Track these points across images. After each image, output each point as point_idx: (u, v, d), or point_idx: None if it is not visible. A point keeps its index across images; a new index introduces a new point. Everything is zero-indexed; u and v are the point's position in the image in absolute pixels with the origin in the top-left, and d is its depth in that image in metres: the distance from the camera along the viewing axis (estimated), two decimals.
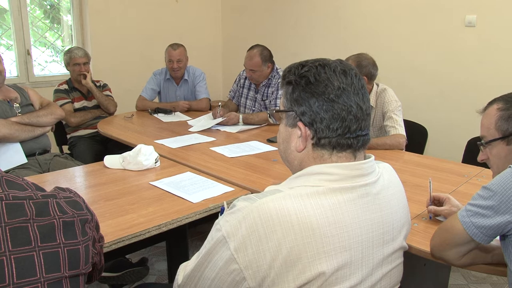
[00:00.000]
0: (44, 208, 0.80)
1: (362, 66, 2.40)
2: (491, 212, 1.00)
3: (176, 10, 4.55)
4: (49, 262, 0.77)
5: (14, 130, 2.33)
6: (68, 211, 0.83)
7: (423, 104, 3.44)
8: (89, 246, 0.85)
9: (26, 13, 3.71)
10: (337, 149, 0.89)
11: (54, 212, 0.80)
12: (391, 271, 0.95)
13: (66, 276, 0.79)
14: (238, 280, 0.83)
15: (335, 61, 0.92)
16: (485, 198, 1.02)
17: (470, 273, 2.50)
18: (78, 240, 0.82)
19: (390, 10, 3.55)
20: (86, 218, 0.86)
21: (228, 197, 1.64)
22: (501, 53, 3.03)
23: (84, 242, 0.84)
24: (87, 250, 0.84)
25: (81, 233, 0.83)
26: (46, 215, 0.79)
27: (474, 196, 1.07)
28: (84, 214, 0.86)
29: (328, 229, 0.82)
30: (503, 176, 1.01)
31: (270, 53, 3.02)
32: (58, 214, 0.81)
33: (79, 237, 0.83)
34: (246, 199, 0.86)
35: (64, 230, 0.80)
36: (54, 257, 0.78)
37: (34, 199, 0.79)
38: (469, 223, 1.04)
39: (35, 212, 0.78)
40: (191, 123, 3.00)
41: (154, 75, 3.56)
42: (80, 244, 0.82)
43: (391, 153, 2.26)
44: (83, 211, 0.86)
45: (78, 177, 1.93)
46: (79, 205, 0.86)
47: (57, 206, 0.82)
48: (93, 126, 3.18)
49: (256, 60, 2.94)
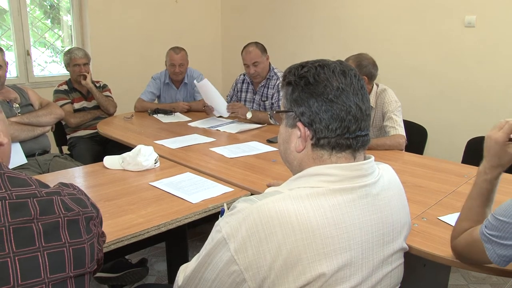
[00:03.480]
0: (49, 206, 0.78)
1: (362, 66, 2.40)
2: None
3: (175, 11, 4.55)
4: (54, 262, 0.76)
5: (14, 130, 2.33)
6: (74, 208, 0.81)
7: (423, 104, 3.44)
8: (94, 244, 0.84)
9: (26, 14, 3.71)
10: (336, 149, 0.89)
11: (59, 210, 0.79)
12: (391, 272, 0.95)
13: (71, 276, 0.78)
14: (239, 282, 0.83)
15: (334, 62, 0.92)
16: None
17: (470, 274, 2.50)
18: (83, 239, 0.81)
19: (390, 11, 3.55)
20: (91, 215, 0.85)
21: (227, 198, 1.64)
22: (500, 53, 3.03)
23: (89, 240, 0.82)
24: (92, 248, 0.83)
25: (86, 231, 0.82)
26: (51, 213, 0.78)
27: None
28: (89, 211, 0.85)
29: (328, 230, 0.82)
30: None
31: (264, 47, 3.10)
32: (63, 212, 0.79)
33: (84, 235, 0.81)
34: (246, 200, 0.86)
35: (68, 229, 0.79)
36: (59, 257, 0.77)
37: (38, 197, 0.78)
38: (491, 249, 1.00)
39: (39, 210, 0.77)
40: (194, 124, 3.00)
41: (154, 79, 3.54)
42: (86, 243, 0.81)
43: (390, 154, 2.26)
44: (87, 209, 0.85)
45: (78, 177, 1.93)
46: (83, 202, 0.85)
47: (62, 204, 0.80)
48: (92, 127, 3.18)
49: (256, 52, 3.01)
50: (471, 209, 1.09)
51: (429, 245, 1.28)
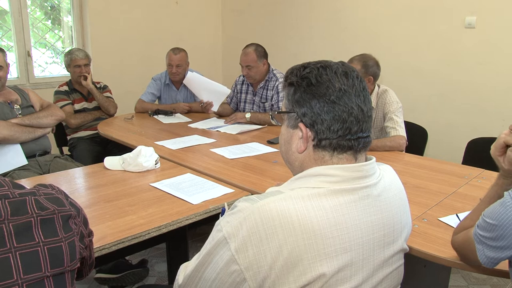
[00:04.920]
0: (21, 207, 0.77)
1: (369, 66, 2.41)
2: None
3: (176, 12, 4.55)
4: (28, 263, 0.75)
5: (15, 132, 2.33)
6: (49, 206, 0.80)
7: (423, 105, 3.44)
8: (74, 242, 0.83)
9: (27, 14, 3.71)
10: (337, 150, 0.89)
11: (32, 210, 0.78)
12: (392, 273, 0.95)
13: (49, 275, 0.77)
14: (239, 281, 0.83)
15: (337, 63, 0.92)
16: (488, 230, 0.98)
17: (471, 275, 2.50)
18: (60, 237, 0.80)
19: (390, 12, 3.55)
20: (69, 214, 0.84)
21: (228, 199, 1.64)
22: (501, 54, 3.03)
23: (67, 239, 0.81)
24: (72, 246, 0.82)
25: (63, 229, 0.81)
26: (23, 214, 0.77)
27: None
28: (66, 210, 0.84)
29: (329, 230, 0.82)
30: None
31: (265, 50, 3.07)
32: (36, 212, 0.78)
33: (60, 233, 0.80)
34: (247, 200, 0.86)
35: (42, 228, 0.78)
36: (33, 256, 0.76)
37: (10, 198, 0.77)
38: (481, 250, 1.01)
39: (11, 211, 0.76)
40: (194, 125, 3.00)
41: (154, 80, 3.54)
42: (63, 241, 0.80)
43: (391, 155, 2.26)
44: (65, 207, 0.84)
45: (78, 178, 1.93)
46: (60, 201, 0.84)
47: (35, 204, 0.79)
48: (93, 128, 3.18)
49: (252, 56, 2.99)
50: (478, 210, 1.11)
51: (429, 246, 1.28)
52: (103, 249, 1.29)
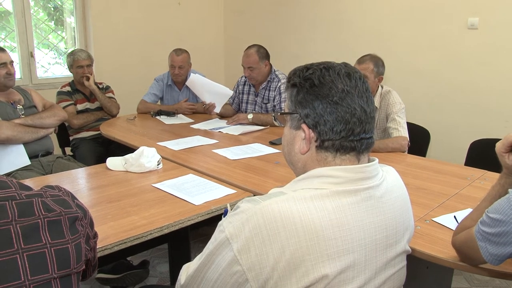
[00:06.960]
0: (28, 208, 0.77)
1: (380, 66, 2.44)
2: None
3: (178, 12, 4.56)
4: (35, 264, 0.75)
5: (18, 132, 2.34)
6: (56, 208, 0.81)
7: (426, 106, 3.44)
8: (81, 244, 0.83)
9: (30, 16, 3.72)
10: (340, 151, 0.89)
11: (39, 211, 0.78)
12: (394, 275, 0.95)
13: (56, 277, 0.77)
14: (241, 282, 0.83)
15: (339, 64, 0.92)
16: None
17: (473, 276, 2.49)
18: (67, 239, 0.80)
19: (392, 13, 3.55)
20: (75, 215, 0.84)
21: (230, 199, 1.64)
22: (503, 55, 3.02)
23: (74, 240, 0.81)
24: (78, 248, 0.82)
25: (70, 231, 0.81)
26: (30, 215, 0.77)
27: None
28: (73, 211, 0.84)
29: (332, 231, 0.82)
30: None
31: (267, 51, 3.07)
32: (43, 213, 0.78)
33: (67, 235, 0.80)
34: (249, 200, 0.86)
35: (49, 229, 0.78)
36: (40, 258, 0.76)
37: (17, 199, 0.77)
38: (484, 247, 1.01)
39: (18, 213, 0.76)
40: (196, 126, 3.00)
41: (156, 81, 3.54)
42: (69, 243, 0.80)
43: (393, 156, 2.25)
44: (71, 209, 0.84)
45: (81, 178, 1.93)
46: (66, 203, 0.84)
47: (42, 205, 0.79)
48: (95, 128, 3.19)
49: (254, 57, 2.99)
50: (479, 209, 1.11)
51: (432, 248, 1.28)
52: (105, 249, 1.29)
